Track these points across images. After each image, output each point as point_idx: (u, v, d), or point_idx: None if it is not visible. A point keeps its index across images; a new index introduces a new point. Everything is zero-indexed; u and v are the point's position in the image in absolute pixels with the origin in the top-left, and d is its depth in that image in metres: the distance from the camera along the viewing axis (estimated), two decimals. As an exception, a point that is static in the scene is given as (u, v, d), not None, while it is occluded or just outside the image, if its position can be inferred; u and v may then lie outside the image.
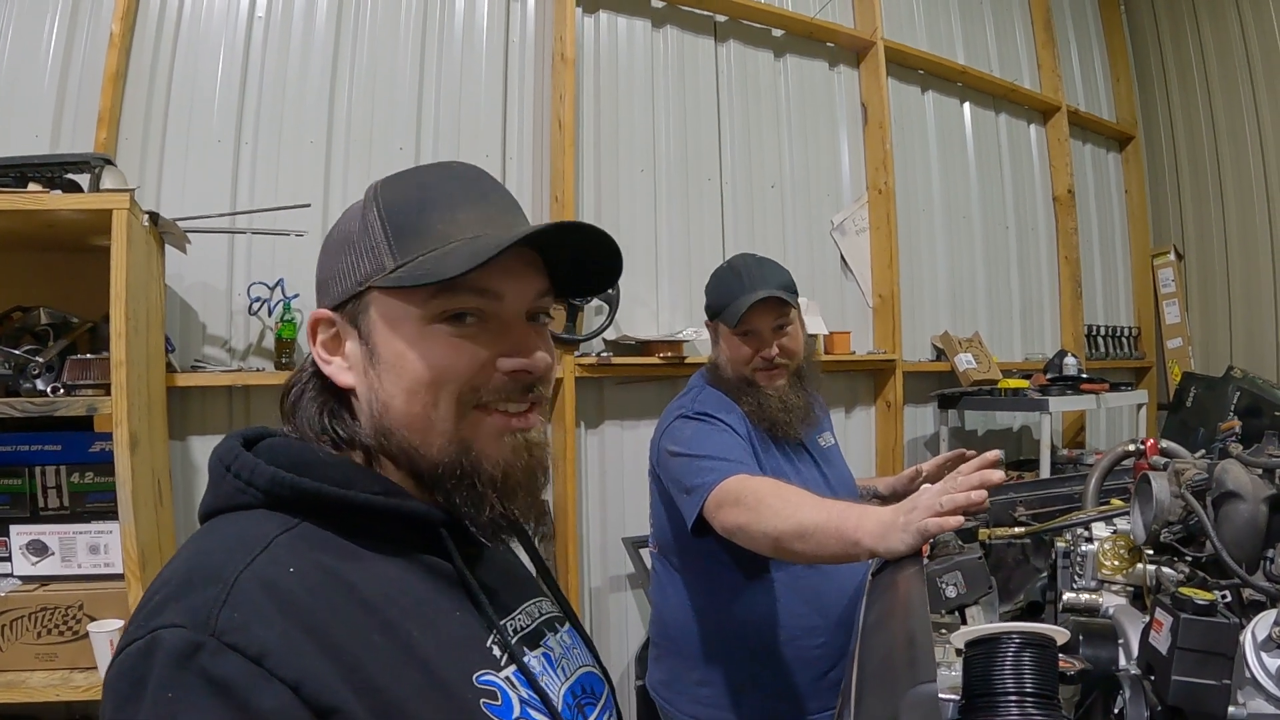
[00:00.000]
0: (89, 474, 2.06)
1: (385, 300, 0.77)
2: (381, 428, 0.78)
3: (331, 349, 0.81)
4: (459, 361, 0.76)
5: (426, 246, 0.76)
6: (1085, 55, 5.09)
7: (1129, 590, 1.34)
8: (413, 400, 0.76)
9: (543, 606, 0.91)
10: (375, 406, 0.78)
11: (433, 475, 0.77)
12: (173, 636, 0.60)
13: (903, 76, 4.10)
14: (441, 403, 0.76)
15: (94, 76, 2.48)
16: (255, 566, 0.66)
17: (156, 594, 0.66)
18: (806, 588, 1.87)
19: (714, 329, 2.01)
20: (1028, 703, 0.79)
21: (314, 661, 0.62)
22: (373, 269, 0.77)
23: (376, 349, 0.77)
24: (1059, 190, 4.68)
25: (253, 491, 0.73)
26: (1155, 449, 1.71)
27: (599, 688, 0.91)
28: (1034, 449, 4.25)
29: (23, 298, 2.16)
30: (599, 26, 3.30)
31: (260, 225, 2.58)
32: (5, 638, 1.94)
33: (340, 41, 2.86)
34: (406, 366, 0.76)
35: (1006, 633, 0.83)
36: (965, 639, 0.86)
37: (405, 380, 0.76)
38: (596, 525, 3.19)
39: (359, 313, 0.78)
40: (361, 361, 0.79)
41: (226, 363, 2.61)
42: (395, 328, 0.77)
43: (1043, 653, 0.82)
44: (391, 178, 0.82)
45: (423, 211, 0.78)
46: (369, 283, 0.77)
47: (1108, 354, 4.87)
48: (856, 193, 3.86)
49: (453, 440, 0.77)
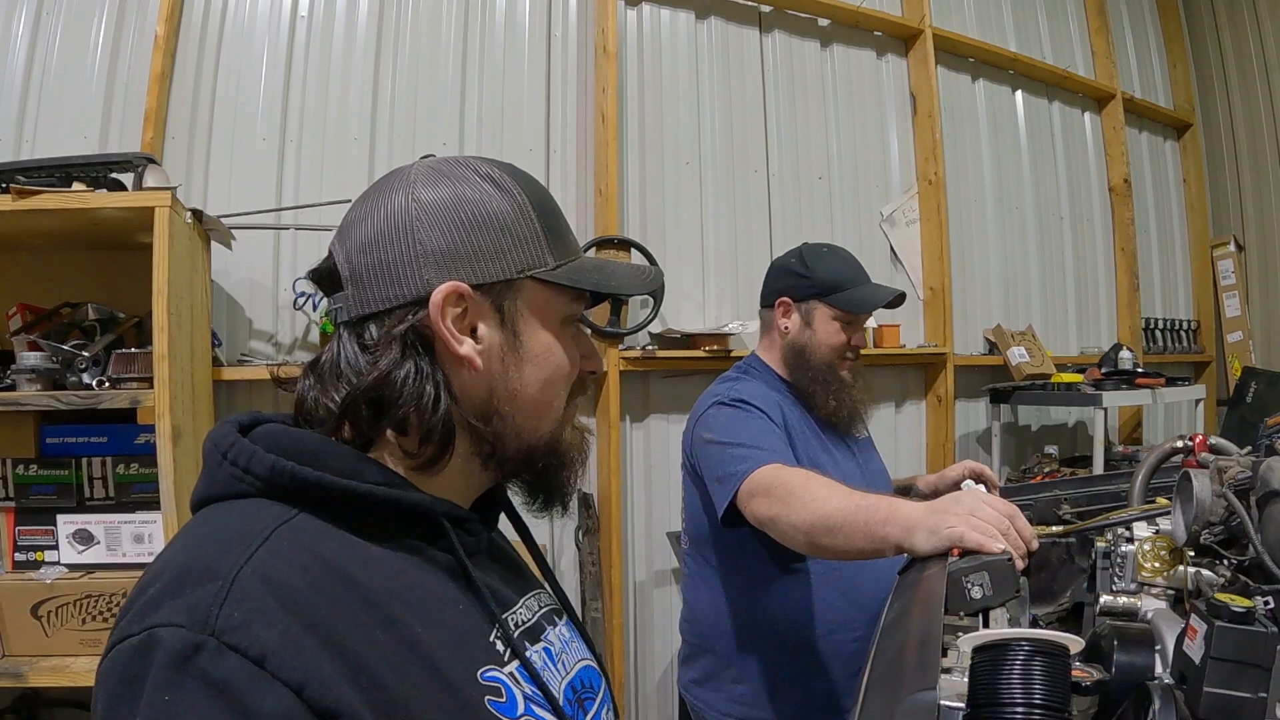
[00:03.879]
0: (134, 465, 2.08)
1: (542, 293, 0.79)
2: (496, 410, 0.78)
3: (460, 326, 0.75)
4: (572, 361, 0.83)
5: (570, 253, 0.81)
6: (1140, 41, 4.94)
7: (1169, 594, 1.27)
8: (547, 390, 0.81)
9: (541, 599, 0.91)
10: (500, 391, 0.78)
11: (525, 454, 0.81)
12: (171, 636, 0.58)
13: (952, 65, 4.00)
14: (561, 394, 0.83)
15: (140, 78, 2.52)
16: (255, 561, 0.63)
17: (150, 587, 0.63)
18: (842, 580, 1.82)
19: (806, 309, 1.94)
20: (1035, 715, 0.73)
21: (317, 662, 0.60)
22: (533, 259, 0.78)
23: (521, 337, 0.79)
24: (1115, 180, 4.55)
25: (250, 479, 0.70)
26: (1204, 445, 1.63)
27: (597, 682, 0.90)
28: (1089, 445, 4.14)
29: (72, 294, 2.21)
30: (641, 18, 3.26)
31: (305, 221, 2.60)
32: (51, 624, 1.99)
33: (383, 38, 2.87)
34: (552, 360, 0.81)
35: (1015, 640, 0.77)
36: (973, 644, 0.80)
37: (547, 371, 0.80)
38: (641, 519, 3.17)
39: (506, 297, 0.78)
40: (499, 346, 0.78)
41: (272, 357, 2.64)
42: (545, 321, 0.80)
43: (1054, 662, 0.76)
44: (515, 169, 0.82)
45: (556, 216, 0.82)
46: (533, 272, 0.78)
47: (1166, 348, 4.72)
48: (906, 184, 3.78)
49: (559, 426, 0.83)
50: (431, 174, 0.78)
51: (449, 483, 0.79)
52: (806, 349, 1.92)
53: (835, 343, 1.90)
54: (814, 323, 1.92)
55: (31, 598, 1.98)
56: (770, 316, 2.00)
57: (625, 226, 3.10)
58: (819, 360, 1.90)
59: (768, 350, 2.02)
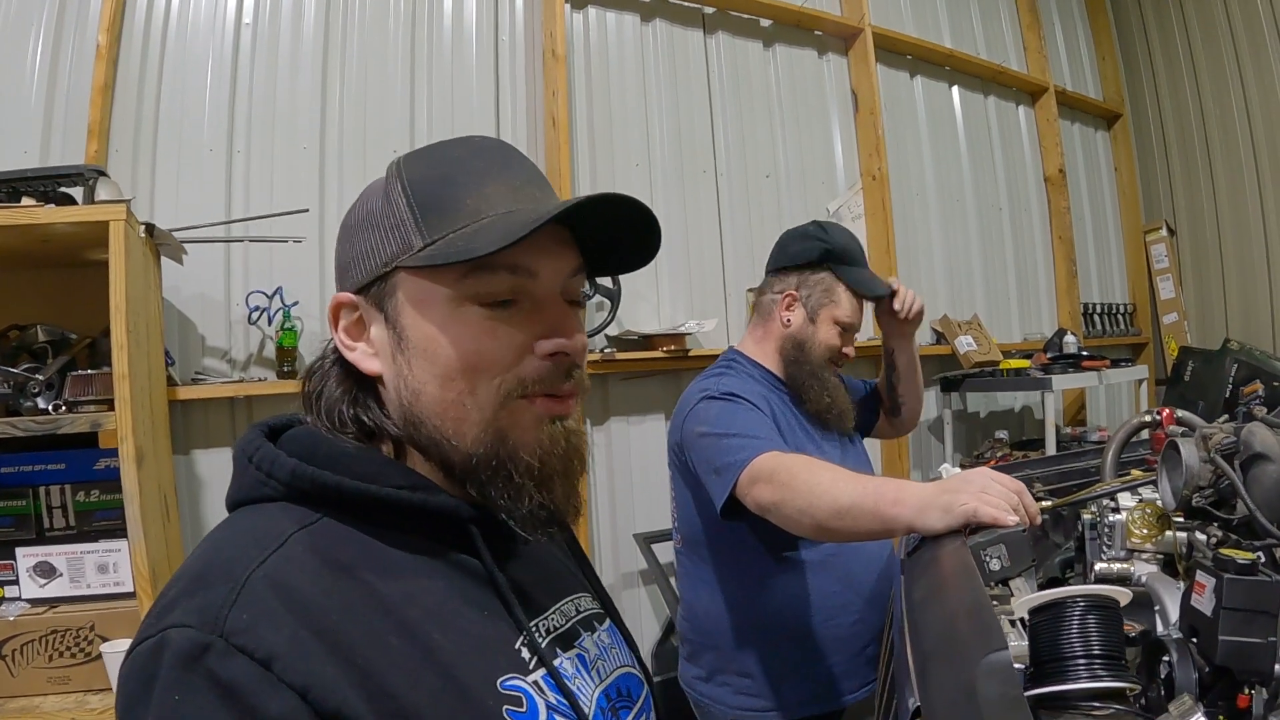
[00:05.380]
0: (95, 492, 2.02)
1: (414, 281, 0.73)
2: (411, 417, 0.74)
3: (354, 334, 0.77)
4: (496, 345, 0.72)
5: (456, 224, 0.72)
6: (1070, 35, 5.10)
7: (1159, 558, 1.34)
8: (447, 387, 0.72)
9: (581, 604, 0.87)
10: (404, 394, 0.74)
11: (466, 467, 0.73)
12: (180, 636, 0.58)
13: (891, 62, 4.09)
14: (480, 390, 0.72)
15: (82, 89, 2.45)
16: (268, 565, 0.63)
17: (170, 590, 0.64)
18: (837, 565, 1.85)
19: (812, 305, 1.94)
20: (1097, 664, 0.77)
21: (323, 666, 0.60)
22: (399, 248, 0.72)
23: (405, 333, 0.73)
24: (1050, 170, 4.69)
25: (273, 484, 0.70)
26: (1171, 419, 1.72)
27: (636, 689, 0.87)
28: (1037, 429, 4.27)
29: (19, 315, 2.13)
30: (588, 21, 3.28)
31: (256, 233, 2.55)
32: (17, 662, 1.91)
33: (329, 44, 2.84)
34: (439, 351, 0.72)
35: (1071, 597, 0.82)
36: (1029, 606, 0.84)
37: (438, 366, 0.72)
38: (607, 522, 3.17)
39: (385, 295, 0.74)
40: (389, 347, 0.74)
41: (227, 374, 2.58)
42: (425, 310, 0.72)
43: (1108, 614, 0.81)
44: (414, 153, 0.78)
45: (449, 186, 0.73)
46: (396, 263, 0.73)
47: (1105, 331, 4.87)
48: (851, 180, 3.85)
49: (488, 429, 0.73)
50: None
51: (462, 487, 0.76)
52: (806, 344, 1.93)
53: (833, 344, 1.92)
54: (818, 320, 1.93)
55: (-6, 637, 1.91)
56: (771, 307, 1.99)
57: (578, 229, 3.09)
58: (815, 357, 1.92)
59: (759, 341, 2.01)
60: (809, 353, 1.93)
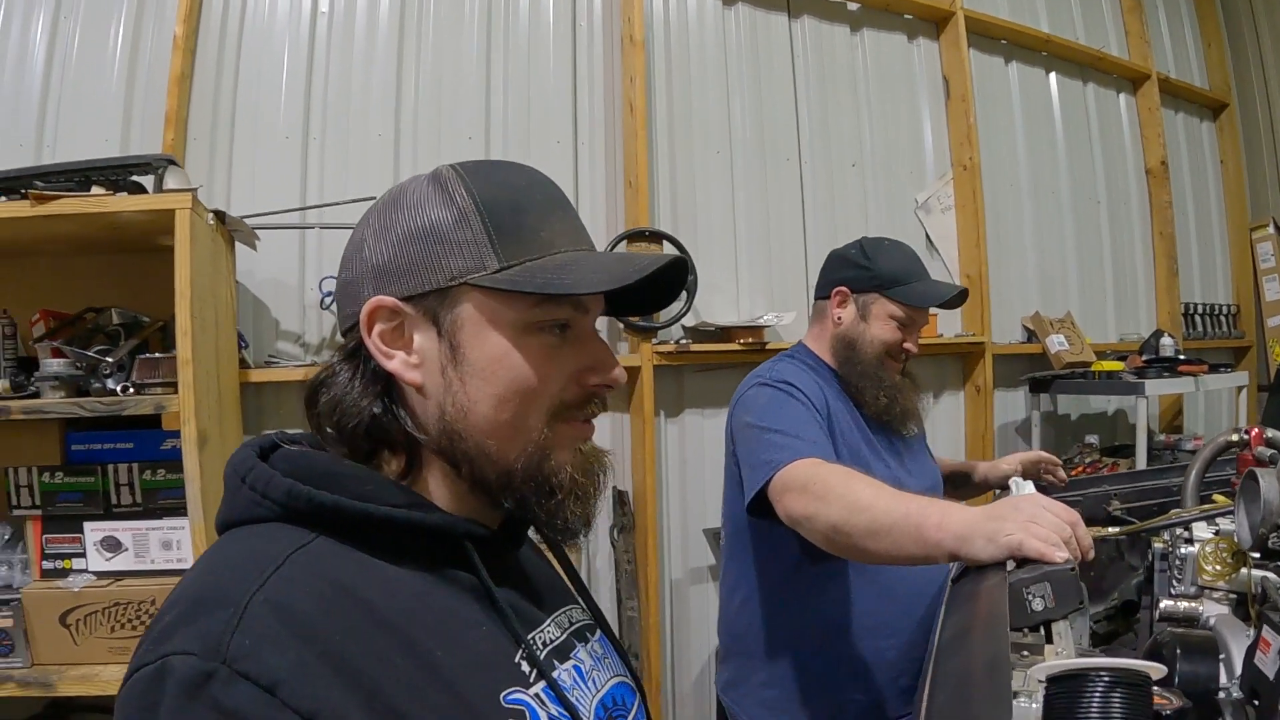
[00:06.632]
0: (160, 471, 2.05)
1: (484, 300, 0.74)
2: (453, 431, 0.74)
3: (391, 341, 0.75)
4: (553, 373, 0.76)
5: (531, 252, 0.74)
6: (1174, 20, 4.83)
7: (1231, 598, 1.21)
8: (502, 407, 0.74)
9: (573, 615, 0.89)
10: (449, 409, 0.74)
11: (504, 480, 0.75)
12: (183, 664, 0.58)
13: (985, 47, 3.91)
14: (533, 413, 0.75)
15: (160, 79, 2.49)
16: (268, 588, 0.63)
17: (167, 614, 0.63)
18: (880, 581, 1.73)
19: (864, 302, 1.87)
20: None
21: (330, 689, 0.59)
22: (470, 265, 0.73)
23: (463, 350, 0.74)
24: (1151, 162, 4.44)
25: (268, 504, 0.70)
26: (1260, 439, 1.53)
27: (629, 698, 0.88)
28: (1129, 434, 4.06)
29: (95, 299, 2.19)
30: (668, 6, 3.19)
31: (330, 220, 2.55)
32: (80, 632, 1.97)
33: (405, 33, 2.82)
34: (500, 373, 0.74)
35: (1095, 669, 0.70)
36: (1048, 673, 0.73)
37: (496, 386, 0.74)
38: (677, 516, 3.11)
39: (441, 307, 0.74)
40: (438, 360, 0.75)
41: (300, 358, 2.60)
42: (491, 331, 0.74)
43: (1136, 693, 0.69)
44: (471, 169, 0.77)
45: (521, 214, 0.76)
46: (465, 278, 0.73)
47: (1205, 333, 4.61)
48: (940, 169, 3.69)
49: (534, 448, 0.76)
50: (394, 189, 0.80)
51: (468, 502, 0.78)
52: (857, 342, 1.85)
53: (888, 339, 1.83)
54: (870, 317, 1.84)
55: (59, 606, 1.96)
56: (824, 305, 1.93)
57: (656, 218, 3.03)
58: (868, 355, 1.83)
59: (817, 339, 1.95)
60: (861, 351, 1.84)
